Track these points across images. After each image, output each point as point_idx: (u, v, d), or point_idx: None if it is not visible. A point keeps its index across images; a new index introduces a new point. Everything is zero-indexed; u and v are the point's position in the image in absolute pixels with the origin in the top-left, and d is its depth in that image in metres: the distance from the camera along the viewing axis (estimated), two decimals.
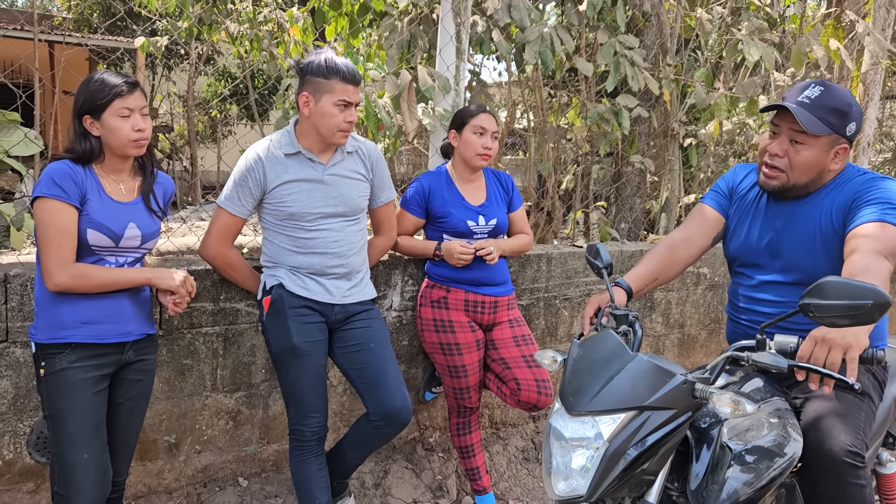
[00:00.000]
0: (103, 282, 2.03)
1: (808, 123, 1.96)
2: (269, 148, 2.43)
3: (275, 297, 2.46)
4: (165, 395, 2.73)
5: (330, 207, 2.45)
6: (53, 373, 2.02)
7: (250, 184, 2.41)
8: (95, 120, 2.01)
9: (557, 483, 1.66)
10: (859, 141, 5.19)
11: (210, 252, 2.51)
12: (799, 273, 2.10)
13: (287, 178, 2.41)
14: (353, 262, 2.54)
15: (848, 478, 1.84)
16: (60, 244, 1.96)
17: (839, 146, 2.03)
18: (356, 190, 2.53)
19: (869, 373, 2.10)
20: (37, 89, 3.62)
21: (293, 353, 2.42)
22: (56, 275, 1.96)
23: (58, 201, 1.95)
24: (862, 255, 1.84)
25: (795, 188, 2.09)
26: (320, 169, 2.45)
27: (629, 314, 1.95)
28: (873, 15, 4.98)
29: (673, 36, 4.94)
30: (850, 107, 2.00)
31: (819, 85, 2.02)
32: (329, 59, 2.34)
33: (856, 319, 1.49)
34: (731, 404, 1.57)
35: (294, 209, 2.41)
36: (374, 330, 2.57)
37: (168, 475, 2.80)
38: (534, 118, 4.85)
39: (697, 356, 4.38)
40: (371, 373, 2.50)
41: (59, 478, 2.03)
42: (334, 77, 2.33)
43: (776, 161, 2.07)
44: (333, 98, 2.34)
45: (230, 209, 2.44)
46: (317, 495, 2.50)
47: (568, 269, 3.70)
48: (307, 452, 2.49)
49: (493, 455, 3.52)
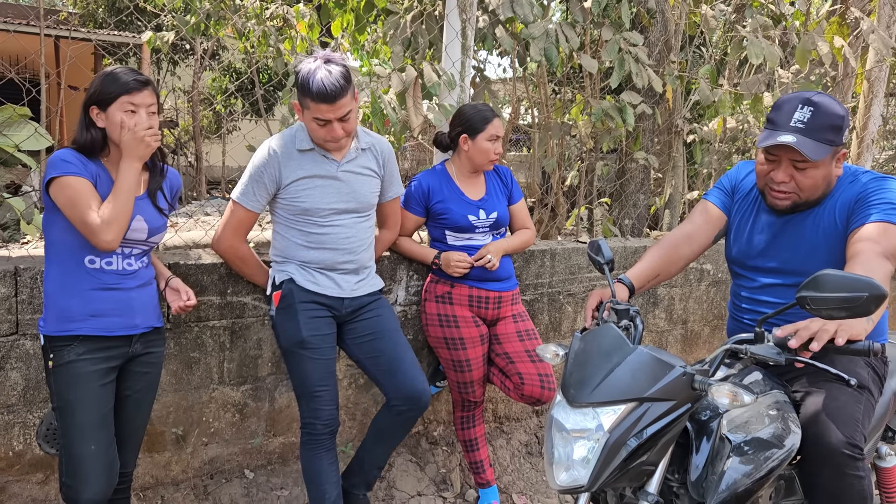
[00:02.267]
0: (122, 199, 1.99)
1: (812, 153, 1.93)
2: (284, 143, 2.45)
3: (285, 292, 2.48)
4: (173, 388, 2.76)
5: (342, 203, 2.48)
6: (62, 365, 2.04)
7: (266, 179, 2.43)
8: (101, 111, 2.03)
9: (559, 473, 1.69)
10: (863, 139, 5.19)
11: (223, 246, 2.54)
12: (802, 275, 2.09)
13: (302, 174, 2.43)
14: (362, 258, 2.57)
15: (846, 469, 1.86)
16: (89, 206, 1.95)
17: (839, 154, 2.03)
18: (368, 186, 2.56)
19: (868, 367, 2.12)
20: (43, 84, 3.65)
21: (303, 347, 2.44)
22: (103, 234, 1.95)
23: (73, 176, 1.97)
24: (864, 256, 1.85)
25: (807, 203, 2.08)
26: (334, 165, 2.48)
27: (630, 309, 1.97)
28: (878, 12, 4.98)
29: (677, 33, 4.95)
30: (843, 118, 1.97)
31: (807, 105, 1.96)
32: (305, 75, 2.27)
33: (852, 311, 1.52)
34: (729, 395, 1.60)
35: (307, 205, 2.43)
36: (384, 318, 2.61)
37: (175, 467, 2.83)
38: (538, 115, 4.86)
39: (700, 352, 4.40)
40: (387, 360, 2.54)
41: (68, 469, 2.05)
42: (307, 96, 2.29)
43: (783, 186, 2.05)
44: (310, 114, 2.33)
45: (245, 204, 2.46)
46: (327, 490, 2.50)
47: (571, 265, 3.72)
48: (319, 447, 2.50)
49: (496, 449, 3.55)
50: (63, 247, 2.05)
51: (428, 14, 3.68)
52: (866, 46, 5.04)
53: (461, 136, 2.87)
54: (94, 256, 2.07)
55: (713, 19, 4.54)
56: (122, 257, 2.12)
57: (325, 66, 2.27)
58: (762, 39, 4.17)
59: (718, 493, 1.72)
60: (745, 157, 5.78)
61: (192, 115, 12.48)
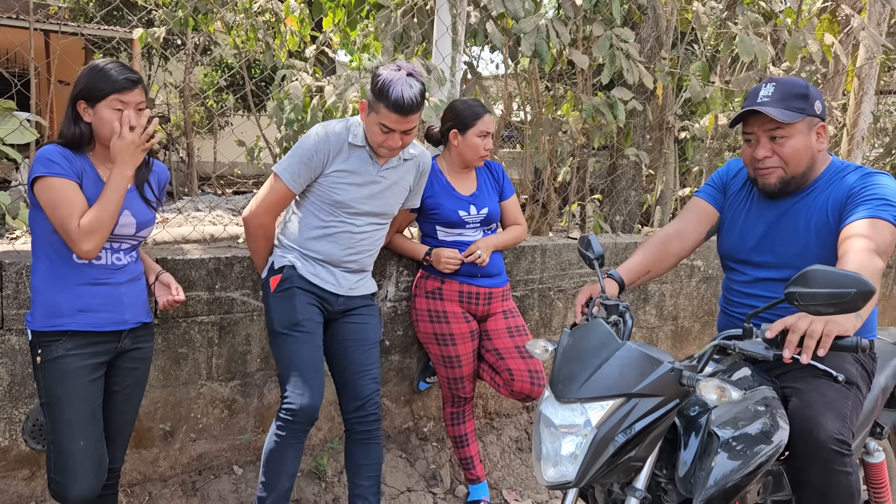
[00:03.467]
0: (109, 209, 1.97)
1: (780, 116, 2.01)
2: (339, 133, 2.45)
3: (286, 276, 2.49)
4: (161, 384, 2.74)
5: (371, 207, 2.51)
6: (50, 360, 2.03)
7: (313, 162, 2.43)
8: (89, 107, 2.01)
9: (547, 469, 1.69)
10: (854, 136, 5.21)
11: (256, 221, 2.52)
12: (793, 269, 2.10)
13: (345, 167, 2.45)
14: (365, 262, 2.61)
15: (834, 465, 1.86)
16: (71, 213, 1.93)
17: (816, 126, 2.07)
18: (398, 196, 2.60)
19: (857, 363, 2.12)
20: (32, 78, 3.61)
21: (296, 329, 2.43)
22: (82, 244, 1.94)
23: (58, 178, 1.95)
24: (855, 252, 1.86)
25: (795, 179, 2.10)
26: (376, 168, 2.50)
27: (619, 304, 1.97)
28: (869, 9, 5.00)
29: (669, 29, 4.95)
30: (806, 87, 2.05)
31: (770, 82, 2.08)
32: (386, 82, 2.30)
33: (840, 307, 1.52)
34: (717, 391, 1.59)
35: (341, 198, 2.45)
36: (369, 328, 2.62)
37: (163, 463, 2.82)
38: (530, 111, 4.86)
39: (691, 348, 4.41)
40: (353, 370, 2.57)
41: (56, 465, 2.04)
42: (381, 101, 2.32)
43: (767, 162, 2.09)
44: (378, 118, 2.35)
45: (287, 181, 2.44)
46: (282, 479, 2.45)
47: (562, 261, 3.73)
48: (290, 436, 2.42)
49: (486, 445, 3.55)
50: (51, 242, 2.03)
51: (419, 9, 3.66)
52: (857, 44, 5.07)
53: (451, 132, 2.87)
54: None
55: (705, 16, 4.55)
56: (111, 252, 2.10)
57: (408, 79, 2.31)
58: (753, 36, 4.18)
59: (706, 488, 1.72)
60: (735, 154, 5.80)
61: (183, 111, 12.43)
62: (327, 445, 3.17)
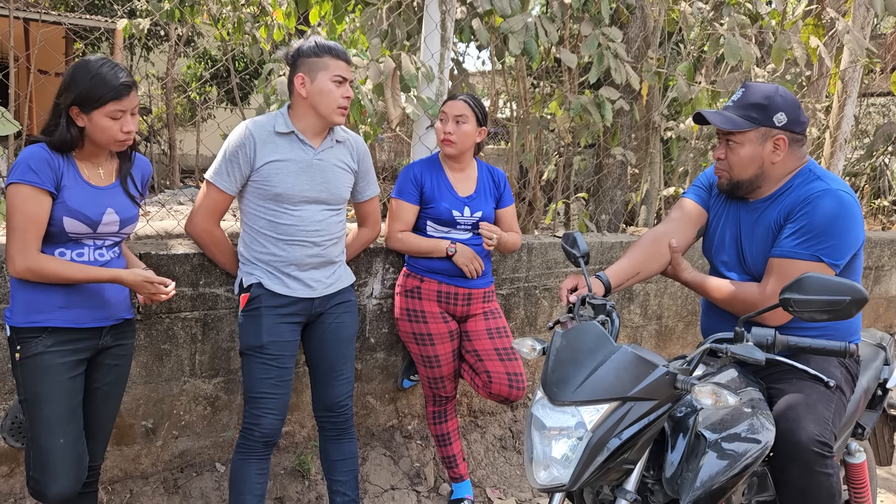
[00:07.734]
0: (65, 278, 1.99)
1: (724, 123, 2.09)
2: (261, 125, 2.42)
3: (253, 296, 2.43)
4: (143, 380, 2.71)
5: (315, 192, 2.44)
6: (29, 357, 2.00)
7: (240, 159, 2.38)
8: (84, 113, 1.96)
9: (538, 472, 1.68)
10: (836, 138, 5.26)
11: (197, 229, 2.48)
12: (757, 271, 2.14)
13: (276, 157, 2.39)
14: (330, 253, 2.52)
15: (815, 466, 1.89)
16: (25, 230, 1.92)
17: (774, 137, 2.09)
18: (342, 179, 2.52)
19: (842, 366, 2.14)
20: (12, 68, 3.54)
21: (260, 351, 2.40)
22: (16, 261, 1.94)
23: (30, 187, 1.92)
24: (763, 287, 2.07)
25: (742, 184, 2.17)
26: (310, 152, 2.44)
27: (606, 304, 1.97)
28: (853, 13, 5.04)
29: (656, 29, 4.97)
30: (770, 99, 2.07)
31: (742, 87, 2.14)
32: (319, 40, 2.41)
33: (834, 315, 1.57)
34: (713, 396, 1.60)
35: (279, 189, 2.38)
36: (344, 326, 2.60)
37: (145, 460, 2.79)
38: (517, 108, 4.85)
39: (674, 347, 4.43)
40: (326, 369, 2.57)
41: (35, 462, 2.01)
42: (327, 55, 2.38)
43: (720, 163, 2.19)
44: (329, 74, 2.37)
45: (218, 184, 2.40)
46: (247, 499, 2.43)
47: (548, 260, 3.72)
48: (251, 454, 2.42)
49: (470, 443, 3.55)
50: None
51: (406, 5, 3.64)
52: (841, 47, 5.11)
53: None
54: (65, 248, 2.03)
55: (691, 16, 4.56)
56: (94, 248, 2.08)
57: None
58: (739, 38, 4.20)
59: (693, 489, 1.72)
60: None
61: (165, 103, 12.29)
62: (311, 443, 3.15)
